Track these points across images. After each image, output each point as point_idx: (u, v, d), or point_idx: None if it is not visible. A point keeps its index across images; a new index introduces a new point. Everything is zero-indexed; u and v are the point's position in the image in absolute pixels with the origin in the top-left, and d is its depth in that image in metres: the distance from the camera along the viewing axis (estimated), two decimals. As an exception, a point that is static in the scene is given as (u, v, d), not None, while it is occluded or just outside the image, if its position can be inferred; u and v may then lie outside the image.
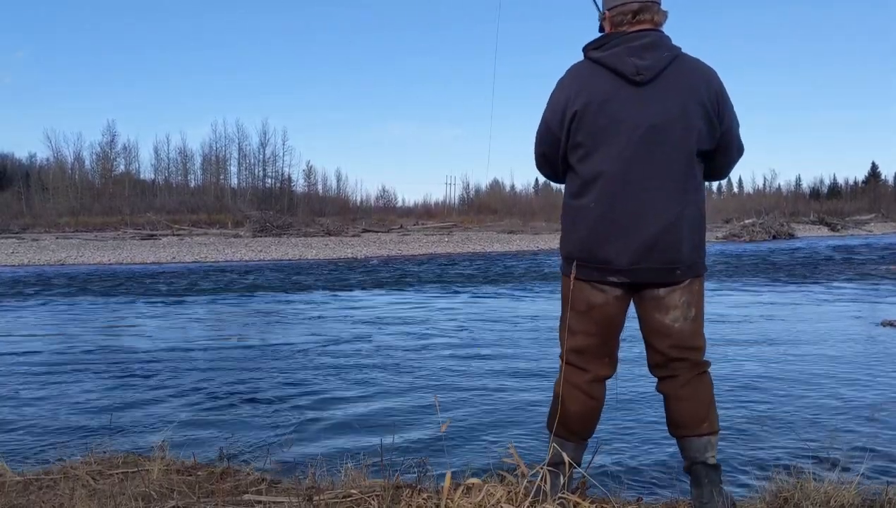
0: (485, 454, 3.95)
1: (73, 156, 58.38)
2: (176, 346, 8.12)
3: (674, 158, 2.23)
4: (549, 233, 40.68)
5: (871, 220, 54.66)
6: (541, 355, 7.22)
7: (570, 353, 2.37)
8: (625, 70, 2.21)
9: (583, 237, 2.29)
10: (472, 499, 2.28)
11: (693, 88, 2.23)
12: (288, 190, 59.80)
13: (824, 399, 5.22)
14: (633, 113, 2.21)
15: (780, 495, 2.52)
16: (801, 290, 13.57)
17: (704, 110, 2.24)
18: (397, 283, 16.64)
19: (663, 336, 2.33)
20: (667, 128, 2.21)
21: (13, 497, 2.74)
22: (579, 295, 2.34)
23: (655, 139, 2.21)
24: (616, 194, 2.23)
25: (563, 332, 2.40)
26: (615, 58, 2.23)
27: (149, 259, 26.11)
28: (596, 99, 2.23)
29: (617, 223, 2.23)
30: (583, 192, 2.29)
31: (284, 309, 11.91)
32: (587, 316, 2.34)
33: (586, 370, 2.38)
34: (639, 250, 2.22)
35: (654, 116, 2.21)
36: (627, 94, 2.22)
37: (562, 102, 2.29)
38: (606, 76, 2.24)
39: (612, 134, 2.22)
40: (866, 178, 79.16)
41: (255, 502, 2.56)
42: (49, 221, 44.74)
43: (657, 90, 2.22)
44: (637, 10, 2.25)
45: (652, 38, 2.25)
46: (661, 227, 2.22)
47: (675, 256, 2.25)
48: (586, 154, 2.27)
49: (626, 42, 2.24)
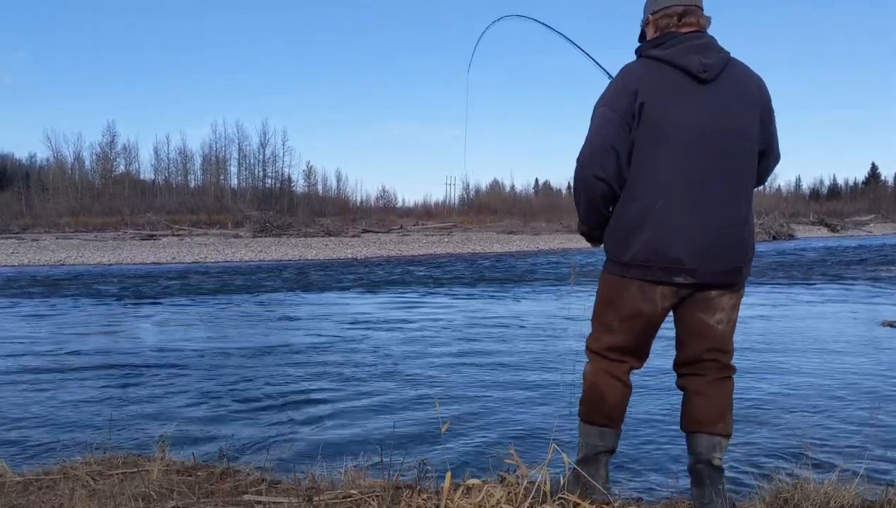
0: (485, 454, 3.95)
1: (73, 157, 58.43)
2: (175, 346, 8.11)
3: (737, 158, 2.24)
4: (549, 234, 40.69)
5: (870, 221, 54.69)
6: (541, 355, 7.22)
7: (609, 350, 2.41)
8: (690, 66, 2.19)
9: (649, 237, 2.23)
10: (472, 500, 2.29)
11: (750, 90, 2.28)
12: (288, 190, 59.79)
13: (824, 399, 5.22)
14: (699, 111, 2.20)
15: (779, 496, 2.52)
16: (801, 290, 13.57)
17: (759, 112, 2.28)
18: (397, 284, 16.64)
19: (703, 337, 2.35)
20: (731, 127, 2.22)
21: (13, 497, 2.74)
22: (627, 300, 2.32)
23: (721, 138, 2.21)
24: (685, 194, 2.19)
25: (601, 328, 2.42)
26: (679, 54, 2.21)
27: (149, 259, 26.11)
28: (663, 94, 2.19)
29: (687, 223, 2.19)
30: (647, 192, 2.23)
31: (284, 309, 11.91)
32: (632, 321, 2.34)
33: (624, 362, 2.43)
34: (709, 250, 2.21)
35: (719, 115, 2.21)
36: (693, 91, 2.20)
37: (628, 94, 2.21)
38: (671, 72, 2.21)
39: (678, 131, 2.19)
40: (866, 179, 79.21)
41: (254, 502, 2.56)
42: (49, 221, 44.73)
43: (719, 89, 2.22)
44: (682, 12, 2.28)
45: (707, 39, 2.27)
46: (729, 228, 2.22)
47: (741, 257, 2.27)
48: (651, 152, 2.21)
49: (686, 41, 2.24)
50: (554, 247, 33.76)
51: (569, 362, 6.80)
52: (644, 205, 2.23)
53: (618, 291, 2.34)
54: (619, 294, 2.34)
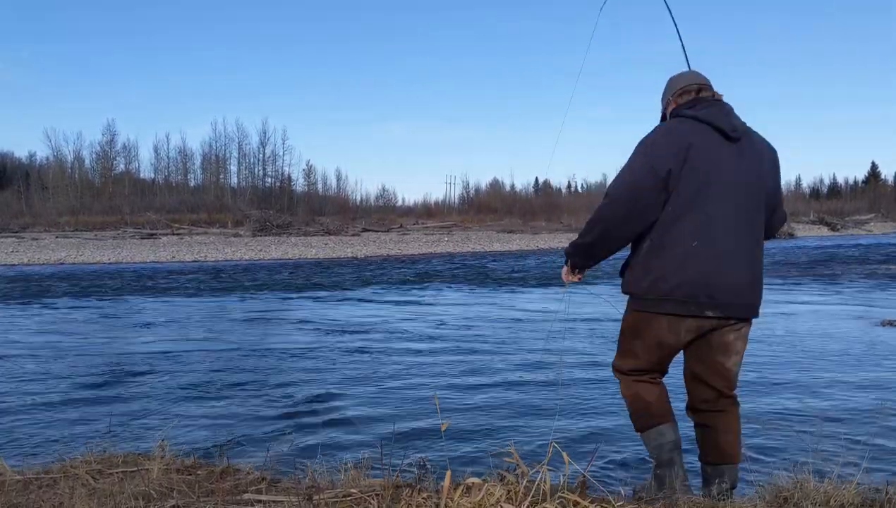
0: (485, 453, 3.95)
1: (72, 156, 58.44)
2: (175, 346, 8.12)
3: (757, 208, 2.55)
4: (548, 233, 40.71)
5: (870, 220, 54.71)
6: (541, 355, 7.22)
7: (634, 371, 2.68)
8: (724, 126, 2.49)
9: (684, 274, 2.46)
10: (472, 499, 2.28)
11: (765, 151, 2.61)
12: (288, 189, 59.79)
13: (824, 398, 5.23)
14: (731, 164, 2.48)
15: (779, 494, 2.52)
16: (801, 289, 13.57)
17: (772, 171, 2.62)
18: (397, 283, 16.65)
19: (721, 377, 2.63)
20: (754, 181, 2.53)
21: (13, 496, 2.74)
22: (654, 332, 2.57)
23: (747, 189, 2.51)
24: (718, 237, 2.46)
25: (626, 353, 2.69)
26: (713, 116, 2.51)
27: (148, 258, 26.12)
28: (704, 149, 2.46)
29: (719, 262, 2.45)
30: (685, 235, 2.46)
31: (284, 309, 11.91)
32: (654, 349, 2.60)
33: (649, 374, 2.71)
34: (736, 288, 2.48)
35: (747, 169, 2.51)
36: (726, 148, 2.49)
37: (670, 152, 2.45)
38: (707, 130, 2.49)
39: (714, 181, 2.45)
40: (866, 178, 79.22)
41: (254, 501, 2.56)
42: (49, 220, 44.71)
43: (745, 148, 2.52)
44: (698, 88, 2.63)
45: (729, 107, 2.59)
46: (752, 269, 2.52)
47: (759, 295, 2.57)
48: (693, 197, 2.45)
49: (715, 105, 2.56)
50: (554, 246, 33.76)
51: (568, 361, 6.80)
52: (681, 245, 2.47)
53: (646, 322, 2.58)
54: (646, 325, 2.58)
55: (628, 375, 2.69)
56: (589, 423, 4.69)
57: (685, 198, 2.44)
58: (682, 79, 2.68)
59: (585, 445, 4.12)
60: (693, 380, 2.68)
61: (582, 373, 6.23)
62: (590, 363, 6.68)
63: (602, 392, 5.50)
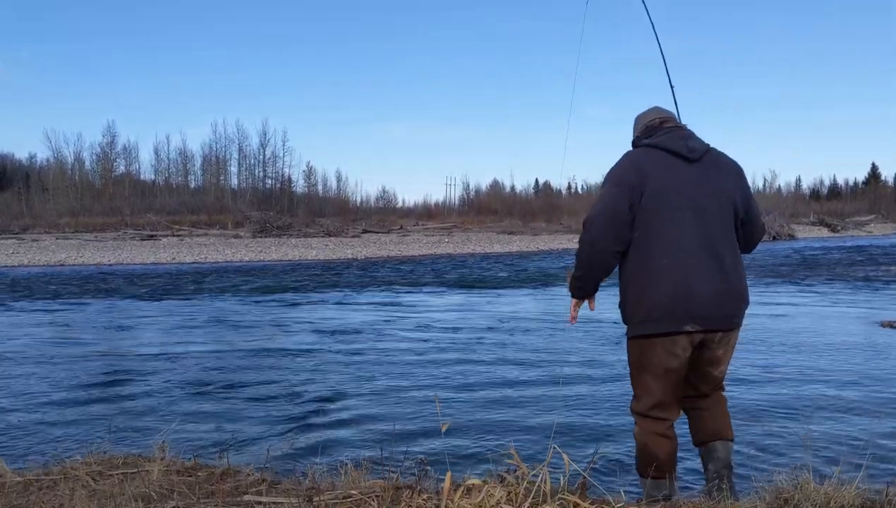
0: (485, 454, 3.95)
1: (73, 157, 58.37)
2: (174, 347, 8.12)
3: (726, 220, 2.69)
4: (548, 234, 40.70)
5: (871, 221, 54.70)
6: (542, 356, 7.22)
7: (653, 409, 2.76)
8: (680, 150, 2.68)
9: (659, 292, 2.60)
10: (473, 500, 2.28)
11: (728, 166, 2.78)
12: (288, 190, 59.76)
13: (824, 399, 5.22)
14: (692, 184, 2.65)
15: (780, 496, 2.52)
16: (801, 291, 13.57)
17: (739, 185, 2.76)
18: (396, 284, 16.65)
19: (709, 382, 2.83)
20: (718, 195, 2.68)
21: (13, 497, 2.74)
22: (655, 361, 2.69)
23: (711, 206, 2.65)
24: (685, 253, 2.60)
25: (641, 391, 2.78)
26: (669, 141, 2.71)
27: (149, 260, 26.12)
28: (661, 173, 2.65)
29: (689, 277, 2.58)
30: (655, 256, 2.62)
31: (284, 310, 11.91)
32: (665, 377, 2.71)
33: (666, 419, 2.78)
34: (712, 299, 2.60)
35: (710, 186, 2.67)
36: (684, 169, 2.67)
37: (631, 177, 2.65)
38: (665, 156, 2.69)
39: (674, 202, 2.62)
40: (866, 179, 79.19)
41: (255, 503, 2.56)
42: (49, 222, 44.70)
43: (704, 167, 2.70)
44: (660, 122, 2.81)
45: (688, 132, 2.79)
46: (726, 280, 2.63)
47: (738, 305, 2.70)
48: (655, 220, 2.62)
49: (672, 131, 2.76)
50: (554, 247, 33.77)
51: (567, 362, 6.80)
52: (652, 265, 2.62)
53: (645, 353, 2.71)
54: (647, 357, 2.71)
55: (647, 418, 2.78)
56: (589, 424, 4.69)
57: (649, 221, 2.63)
58: (647, 116, 2.89)
59: (586, 446, 4.12)
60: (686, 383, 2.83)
61: (582, 374, 6.23)
62: (590, 363, 6.68)
63: (602, 392, 5.50)
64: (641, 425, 2.79)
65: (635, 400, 2.82)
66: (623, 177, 2.68)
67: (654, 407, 2.76)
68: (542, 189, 72.23)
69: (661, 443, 2.77)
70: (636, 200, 2.63)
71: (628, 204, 2.63)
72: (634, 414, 2.84)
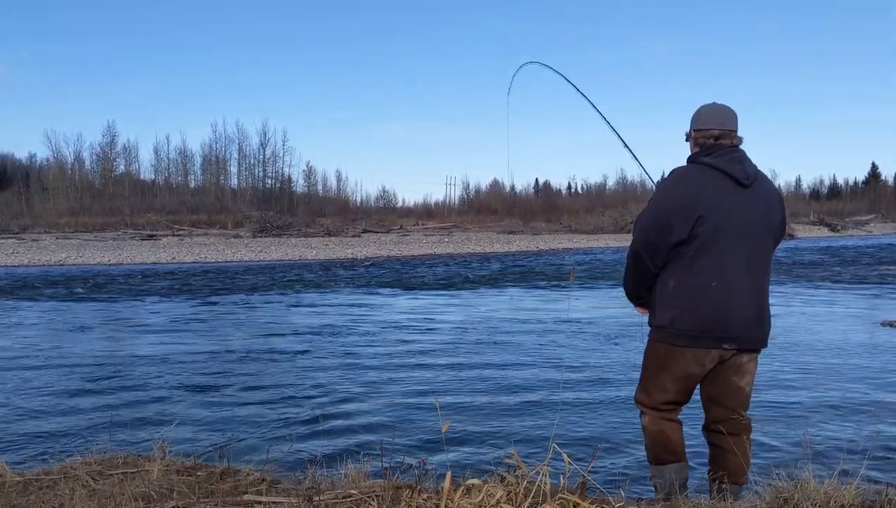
0: (485, 454, 3.95)
1: (73, 157, 58.42)
2: (174, 347, 8.12)
3: (768, 247, 2.81)
4: (548, 234, 40.69)
5: (870, 221, 54.69)
6: (541, 356, 7.22)
7: (663, 403, 2.83)
8: (737, 174, 2.71)
9: (704, 311, 2.68)
10: (473, 499, 2.28)
11: (773, 193, 2.86)
12: (288, 190, 59.78)
13: (824, 398, 5.22)
14: (743, 209, 2.71)
15: (780, 495, 2.52)
16: (801, 290, 13.57)
17: (780, 209, 2.86)
18: (396, 284, 16.64)
19: (734, 396, 2.81)
20: (765, 222, 2.76)
21: (13, 497, 2.74)
22: (681, 365, 2.76)
23: (758, 231, 2.74)
24: (732, 278, 2.69)
25: (655, 389, 2.83)
26: (727, 164, 2.72)
27: (149, 259, 26.11)
28: (717, 196, 2.69)
29: (732, 301, 2.67)
30: (705, 276, 2.69)
31: (285, 310, 11.91)
32: (683, 381, 2.78)
33: (675, 409, 2.87)
34: (749, 323, 2.71)
35: (759, 213, 2.74)
36: (739, 194, 2.71)
37: (685, 197, 2.69)
38: (721, 178, 2.71)
39: (726, 226, 2.68)
40: (866, 179, 79.17)
41: (255, 502, 2.56)
42: (49, 222, 44.72)
43: (755, 192, 2.75)
44: (718, 135, 2.80)
45: (742, 154, 2.81)
46: (761, 304, 2.75)
47: (766, 328, 2.80)
48: (707, 241, 2.67)
49: (730, 153, 2.76)
50: (555, 247, 33.76)
51: (567, 362, 6.80)
52: (701, 284, 2.69)
53: (672, 357, 2.76)
54: (673, 360, 2.76)
55: (656, 410, 2.83)
56: (589, 424, 4.70)
57: (701, 242, 2.67)
58: (706, 119, 2.85)
59: (586, 446, 4.12)
60: (708, 401, 2.87)
61: (582, 375, 6.23)
62: (590, 363, 6.68)
63: (603, 393, 5.50)
64: (650, 415, 2.85)
65: (645, 394, 2.86)
66: (676, 196, 2.71)
67: (666, 403, 2.82)
68: (542, 189, 72.22)
69: (672, 427, 2.85)
70: (689, 222, 2.66)
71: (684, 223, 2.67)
72: (641, 406, 2.88)
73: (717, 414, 2.83)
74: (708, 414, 2.88)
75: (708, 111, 2.86)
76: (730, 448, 2.82)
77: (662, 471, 2.82)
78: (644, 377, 2.88)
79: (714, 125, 2.81)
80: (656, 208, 2.74)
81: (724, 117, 2.83)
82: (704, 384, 2.83)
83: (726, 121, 2.82)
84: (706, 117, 2.84)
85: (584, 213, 47.81)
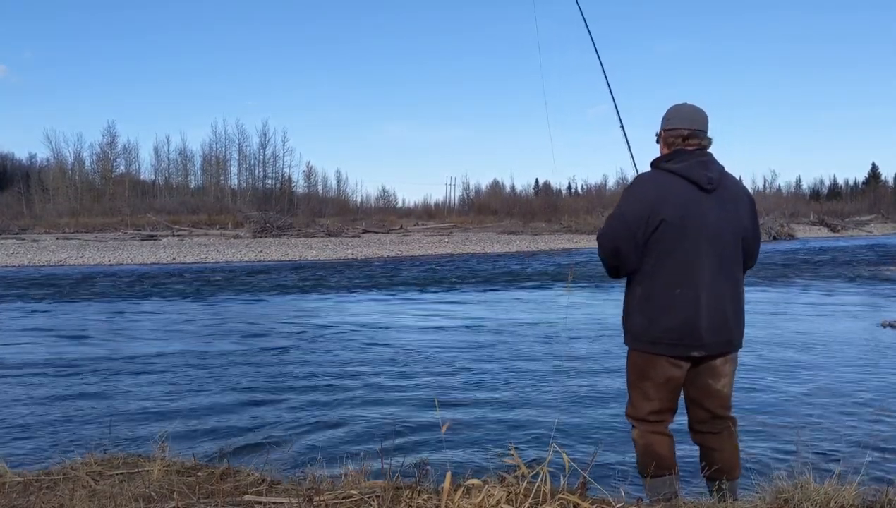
0: (485, 454, 3.95)
1: (73, 157, 58.40)
2: (173, 347, 8.12)
3: (735, 251, 2.76)
4: (549, 234, 40.67)
5: (871, 221, 54.63)
6: (541, 356, 7.22)
7: (650, 414, 2.82)
8: (699, 179, 2.69)
9: (671, 318, 2.68)
10: (473, 500, 2.28)
11: (740, 195, 2.82)
12: (288, 190, 59.75)
13: (825, 399, 5.23)
14: (708, 213, 2.69)
15: (780, 495, 2.52)
16: (801, 290, 13.57)
17: (748, 210, 2.82)
18: (396, 284, 16.64)
19: (713, 397, 2.81)
20: (731, 225, 2.73)
21: (13, 497, 2.74)
22: (659, 371, 2.76)
23: (724, 236, 2.71)
24: (699, 283, 2.67)
25: (639, 398, 2.83)
26: (689, 169, 2.71)
27: (149, 260, 26.10)
28: (678, 202, 2.67)
29: (700, 307, 2.66)
30: (669, 283, 2.68)
31: (285, 310, 11.91)
32: (665, 386, 2.78)
33: (663, 421, 2.85)
34: (718, 327, 2.69)
35: (724, 217, 2.71)
36: (701, 199, 2.69)
37: (646, 204, 2.68)
38: (683, 184, 2.70)
39: (690, 232, 2.66)
40: (866, 179, 79.14)
41: (255, 503, 2.56)
42: (49, 222, 44.69)
43: (720, 196, 2.73)
44: (687, 135, 2.78)
45: (708, 158, 2.79)
46: (731, 309, 2.73)
47: (738, 332, 2.78)
48: (671, 249, 2.67)
49: (692, 158, 2.74)
50: (555, 247, 33.76)
51: (567, 362, 6.80)
52: (666, 292, 2.68)
53: (650, 364, 2.76)
54: (651, 366, 2.76)
55: (645, 422, 2.83)
56: (589, 424, 4.70)
57: (664, 248, 2.67)
58: (676, 118, 2.82)
59: (586, 446, 4.12)
60: (691, 403, 2.88)
61: (582, 374, 6.22)
62: (591, 364, 6.68)
63: (602, 393, 5.50)
64: (640, 428, 2.84)
65: (632, 406, 2.87)
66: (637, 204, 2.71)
67: (654, 413, 2.81)
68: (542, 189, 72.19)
69: (661, 441, 2.82)
70: (650, 228, 2.66)
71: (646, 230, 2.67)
72: (631, 419, 2.88)
73: (699, 415, 2.85)
74: (690, 416, 2.90)
75: (678, 111, 2.84)
76: (717, 446, 2.84)
77: (651, 484, 2.82)
78: (629, 389, 2.89)
79: (683, 124, 2.79)
80: (618, 214, 2.74)
81: (694, 117, 2.81)
82: (686, 385, 2.84)
83: (696, 122, 2.79)
84: (676, 117, 2.82)
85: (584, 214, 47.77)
